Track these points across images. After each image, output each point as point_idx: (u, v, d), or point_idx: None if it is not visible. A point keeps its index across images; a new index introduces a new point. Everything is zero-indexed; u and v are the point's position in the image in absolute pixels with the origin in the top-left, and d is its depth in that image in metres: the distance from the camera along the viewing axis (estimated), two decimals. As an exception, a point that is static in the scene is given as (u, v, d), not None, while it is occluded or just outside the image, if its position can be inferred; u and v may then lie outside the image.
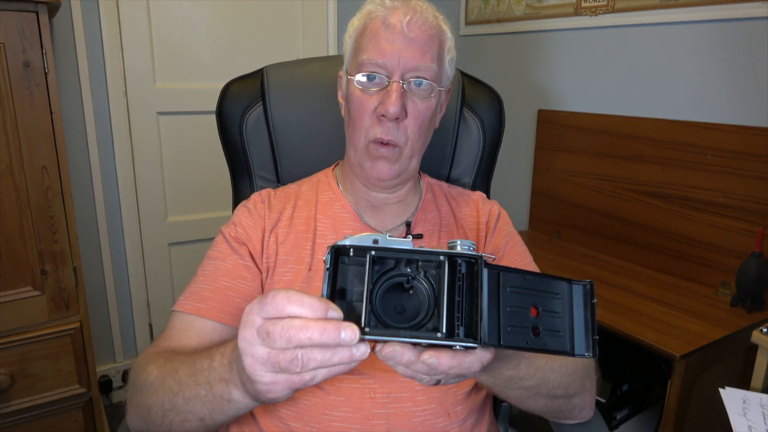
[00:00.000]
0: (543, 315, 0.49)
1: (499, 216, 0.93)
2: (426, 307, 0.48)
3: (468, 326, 0.47)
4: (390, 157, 0.81)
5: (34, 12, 1.21)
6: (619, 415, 1.59)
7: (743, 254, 1.48)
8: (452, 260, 0.48)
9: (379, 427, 0.74)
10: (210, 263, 0.83)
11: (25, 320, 1.34)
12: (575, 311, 0.51)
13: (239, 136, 1.04)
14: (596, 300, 0.51)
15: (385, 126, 0.79)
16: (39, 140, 1.27)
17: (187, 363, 0.64)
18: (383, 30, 0.78)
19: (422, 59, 0.77)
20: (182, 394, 0.62)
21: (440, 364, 0.47)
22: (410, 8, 0.78)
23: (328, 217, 0.87)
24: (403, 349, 0.47)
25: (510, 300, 0.48)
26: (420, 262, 0.49)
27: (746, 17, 1.47)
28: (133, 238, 2.06)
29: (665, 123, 1.68)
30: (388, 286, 0.48)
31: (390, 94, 0.77)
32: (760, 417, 0.94)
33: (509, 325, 0.48)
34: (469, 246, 0.48)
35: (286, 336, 0.45)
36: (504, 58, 2.24)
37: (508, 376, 0.63)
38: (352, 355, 0.45)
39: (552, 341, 0.49)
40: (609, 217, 1.87)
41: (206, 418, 0.61)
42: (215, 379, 0.58)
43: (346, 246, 0.48)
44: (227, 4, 2.05)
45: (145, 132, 2.00)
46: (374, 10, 0.80)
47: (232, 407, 0.57)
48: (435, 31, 0.80)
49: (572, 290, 0.51)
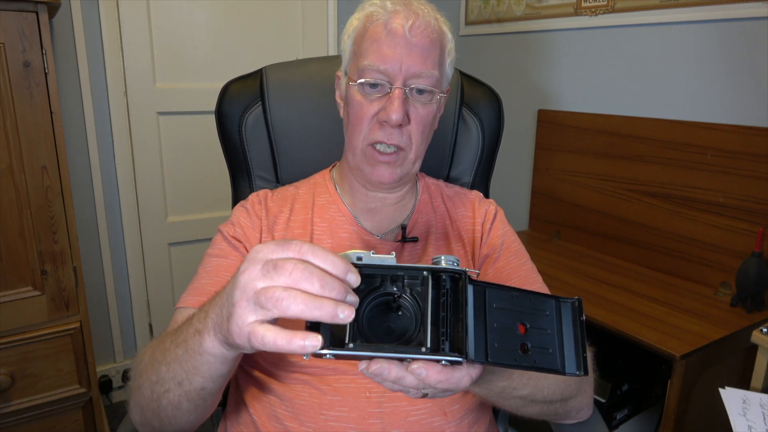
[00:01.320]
0: (531, 332, 0.49)
1: (496, 216, 0.92)
2: (413, 324, 0.48)
3: (453, 341, 0.46)
4: (393, 162, 0.81)
5: (34, 12, 1.21)
6: (619, 415, 1.59)
7: (743, 254, 1.48)
8: (436, 276, 0.48)
9: (374, 426, 0.74)
10: (211, 260, 0.83)
11: (25, 320, 1.34)
12: (564, 329, 0.50)
13: (238, 137, 1.04)
14: (585, 317, 0.51)
15: (386, 131, 0.79)
16: (39, 140, 1.27)
17: (173, 332, 0.64)
18: (385, 35, 0.77)
19: (424, 65, 0.77)
20: (165, 360, 0.62)
21: (428, 376, 0.46)
22: (412, 12, 0.77)
23: (324, 221, 0.87)
24: (390, 366, 0.47)
25: (497, 317, 0.48)
26: (406, 280, 0.49)
27: (746, 17, 1.47)
28: (133, 238, 2.06)
29: (665, 123, 1.68)
30: (375, 305, 0.48)
31: (392, 100, 0.76)
32: (760, 417, 0.94)
33: (496, 341, 0.48)
34: (453, 261, 0.49)
35: (296, 275, 0.44)
36: (504, 58, 2.24)
37: (501, 387, 0.64)
38: (336, 312, 0.44)
39: (541, 359, 0.49)
40: (609, 217, 1.87)
41: (184, 381, 0.60)
42: (190, 334, 0.57)
43: None
44: (227, 4, 2.05)
45: (145, 132, 2.00)
46: (375, 13, 0.79)
47: (204, 361, 0.56)
48: (437, 35, 0.79)
49: (560, 308, 0.51)
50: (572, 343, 0.50)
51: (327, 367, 0.76)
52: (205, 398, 0.63)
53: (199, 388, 0.60)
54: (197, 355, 0.56)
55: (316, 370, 0.76)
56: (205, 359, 0.56)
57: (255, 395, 0.80)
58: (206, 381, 0.59)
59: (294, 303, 0.44)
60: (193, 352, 0.57)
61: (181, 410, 0.64)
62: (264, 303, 0.45)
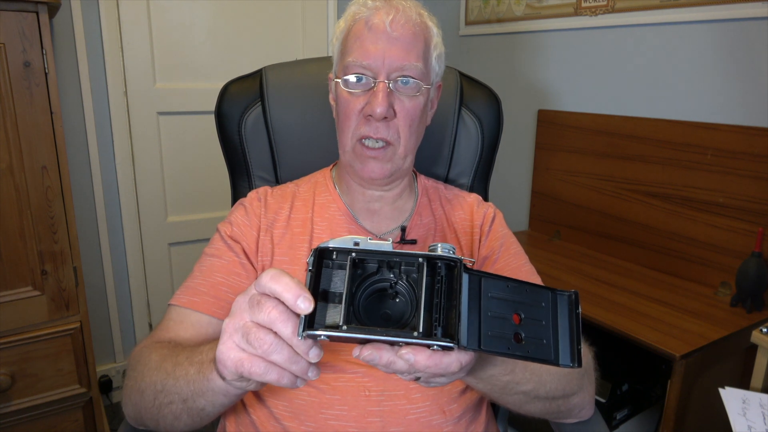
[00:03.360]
0: (526, 322, 0.49)
1: (494, 219, 0.92)
2: (409, 309, 0.49)
3: (446, 327, 0.47)
4: (382, 157, 0.81)
5: (34, 12, 1.21)
6: (619, 415, 1.59)
7: (743, 254, 1.48)
8: (432, 262, 0.48)
9: (374, 425, 0.75)
10: (206, 259, 0.84)
11: (25, 320, 1.34)
12: (560, 321, 0.51)
13: (238, 137, 1.04)
14: (581, 310, 0.51)
15: (372, 125, 0.79)
16: (39, 140, 1.27)
17: (189, 348, 0.66)
18: (367, 31, 0.78)
19: (407, 58, 0.77)
20: (174, 374, 0.64)
21: (417, 361, 0.47)
22: (392, 7, 0.78)
23: (324, 220, 0.87)
24: (381, 351, 0.48)
25: (491, 306, 0.49)
26: (402, 267, 0.49)
27: (746, 17, 1.47)
28: (133, 238, 2.06)
29: (665, 123, 1.67)
30: (372, 292, 0.49)
31: (376, 94, 0.77)
32: (759, 417, 0.94)
33: (490, 330, 0.48)
34: (449, 249, 0.49)
35: (265, 310, 0.48)
36: (504, 58, 2.24)
37: (504, 382, 0.64)
38: (306, 371, 0.49)
39: (535, 349, 0.49)
40: (609, 217, 1.87)
41: (188, 399, 0.62)
42: (207, 359, 0.59)
43: (329, 248, 0.49)
44: (227, 4, 2.05)
45: (145, 132, 2.00)
46: (357, 12, 0.80)
47: (209, 388, 0.58)
48: (419, 28, 0.80)
49: (556, 300, 0.51)
50: (567, 336, 0.50)
51: (326, 365, 0.77)
52: (204, 417, 0.65)
53: (201, 408, 0.62)
54: (205, 380, 0.58)
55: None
56: (210, 386, 0.58)
57: (254, 395, 0.80)
58: (208, 405, 0.62)
59: (269, 375, 0.50)
60: (203, 377, 0.59)
61: (180, 421, 0.66)
62: (248, 340, 0.50)
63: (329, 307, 0.48)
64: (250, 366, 0.49)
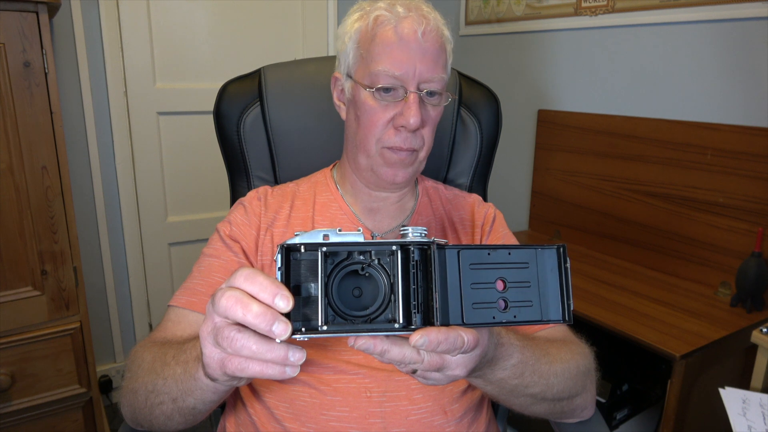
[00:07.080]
0: (511, 287, 0.48)
1: (495, 219, 0.93)
2: (382, 294, 0.48)
3: (425, 313, 0.47)
4: (407, 161, 0.82)
5: (34, 12, 1.21)
6: (619, 415, 1.59)
7: (743, 254, 1.48)
8: (405, 248, 0.48)
9: (375, 426, 0.75)
10: (205, 260, 0.84)
11: (25, 320, 1.34)
12: (549, 277, 0.49)
13: (237, 137, 1.04)
14: (569, 263, 0.49)
15: (402, 135, 0.79)
16: (39, 140, 1.27)
17: (176, 347, 0.66)
18: (397, 40, 0.76)
19: (435, 70, 0.78)
20: (163, 374, 0.64)
21: (430, 342, 0.46)
22: (422, 17, 0.77)
23: (326, 219, 0.87)
24: (375, 340, 0.48)
25: (473, 277, 0.48)
26: (373, 251, 0.48)
27: (746, 17, 1.47)
28: (133, 238, 2.06)
29: (665, 123, 1.67)
30: (344, 275, 0.48)
31: (410, 106, 0.77)
32: (759, 417, 0.94)
33: (473, 303, 0.47)
34: (420, 233, 0.48)
35: (226, 305, 0.47)
36: (504, 58, 2.24)
37: (513, 385, 0.64)
38: (286, 357, 0.46)
39: (522, 312, 0.48)
40: (609, 217, 1.87)
41: (178, 398, 0.62)
42: (192, 357, 0.60)
43: (296, 244, 0.48)
44: (227, 4, 2.05)
45: (145, 132, 2.00)
46: (382, 16, 0.78)
47: (197, 386, 0.59)
48: (444, 40, 0.80)
49: (544, 256, 0.50)
50: (557, 292, 0.49)
51: (327, 366, 0.77)
52: (196, 415, 0.66)
53: (191, 407, 0.63)
54: (192, 379, 0.59)
55: (315, 369, 0.77)
56: (198, 385, 0.58)
57: (254, 395, 0.80)
58: (198, 403, 0.62)
59: (250, 370, 0.48)
60: (190, 376, 0.59)
61: (173, 421, 0.67)
62: (220, 342, 0.49)
63: (306, 302, 0.47)
64: (232, 365, 0.49)
